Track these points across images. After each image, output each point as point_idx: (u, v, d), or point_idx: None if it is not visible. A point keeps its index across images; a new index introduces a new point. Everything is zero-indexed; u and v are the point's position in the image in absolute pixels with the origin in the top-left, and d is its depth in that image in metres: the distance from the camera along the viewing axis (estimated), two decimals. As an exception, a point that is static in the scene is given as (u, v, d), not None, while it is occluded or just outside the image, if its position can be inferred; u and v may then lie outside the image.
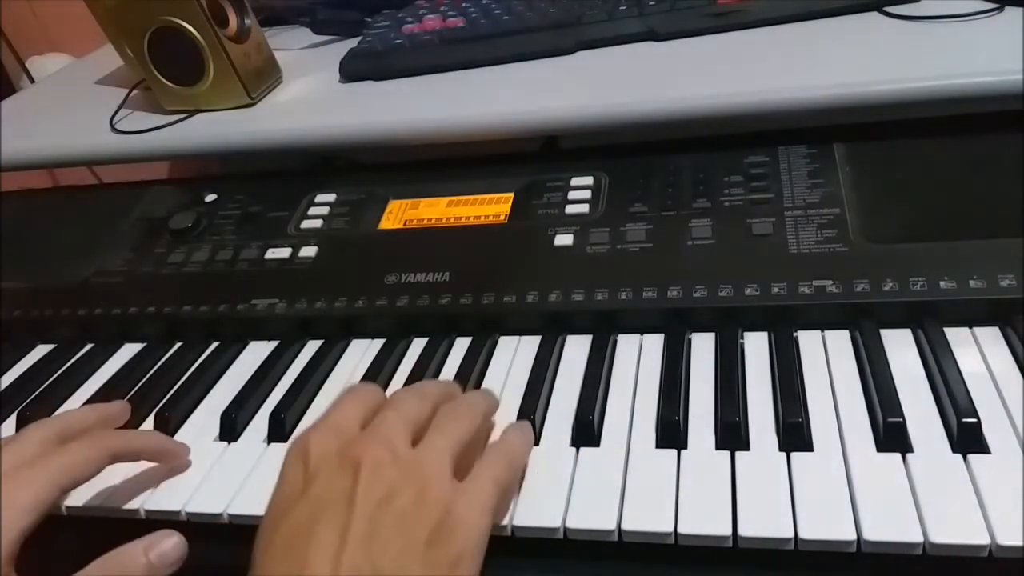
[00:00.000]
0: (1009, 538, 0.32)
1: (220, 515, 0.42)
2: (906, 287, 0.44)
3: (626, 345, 0.48)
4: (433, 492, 0.34)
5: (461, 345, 0.50)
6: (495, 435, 0.42)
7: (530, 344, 0.49)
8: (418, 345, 0.51)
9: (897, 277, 0.44)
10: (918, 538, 0.33)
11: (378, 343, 0.52)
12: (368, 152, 0.71)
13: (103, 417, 0.45)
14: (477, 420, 0.40)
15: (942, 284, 0.43)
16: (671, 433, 0.41)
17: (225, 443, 0.47)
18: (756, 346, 0.46)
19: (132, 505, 0.43)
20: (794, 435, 0.39)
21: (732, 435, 0.40)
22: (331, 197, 0.62)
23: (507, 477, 0.37)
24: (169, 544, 0.37)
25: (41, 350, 0.59)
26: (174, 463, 0.45)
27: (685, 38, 0.65)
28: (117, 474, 0.44)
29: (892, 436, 0.38)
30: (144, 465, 0.44)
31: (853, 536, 0.34)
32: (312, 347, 0.53)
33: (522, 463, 0.39)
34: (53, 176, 1.09)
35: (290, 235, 0.60)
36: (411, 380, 0.48)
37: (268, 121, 0.68)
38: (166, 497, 0.43)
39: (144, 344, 0.57)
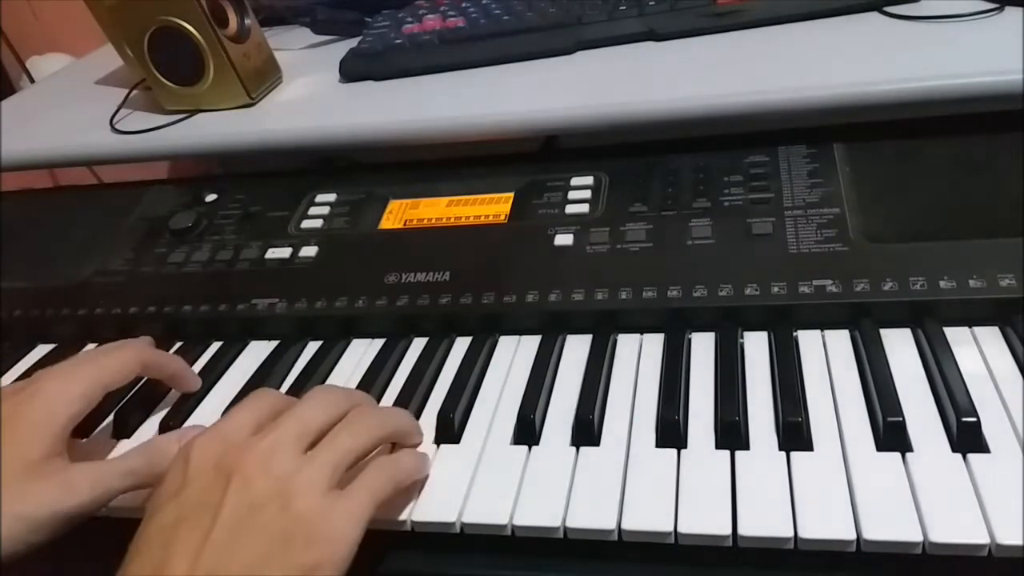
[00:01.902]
0: (1009, 537, 0.33)
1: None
2: (906, 287, 0.44)
3: (626, 345, 0.48)
4: (300, 506, 0.35)
5: (461, 345, 0.51)
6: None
7: (530, 344, 0.49)
8: (418, 345, 0.51)
9: (897, 277, 0.44)
10: (918, 537, 0.33)
11: (378, 343, 0.52)
12: (368, 152, 0.71)
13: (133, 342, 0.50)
14: (376, 435, 0.40)
15: (942, 284, 0.43)
16: (671, 433, 0.41)
17: (225, 443, 0.47)
18: (756, 346, 0.46)
19: (133, 504, 0.43)
20: (794, 435, 0.39)
21: (732, 434, 0.40)
22: (331, 197, 0.62)
23: (385, 492, 0.38)
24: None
25: (41, 350, 0.59)
26: (187, 389, 0.50)
27: (685, 38, 0.65)
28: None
29: (892, 435, 0.38)
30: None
31: (853, 535, 0.34)
32: (312, 347, 0.53)
33: (407, 481, 0.40)
34: (53, 176, 1.09)
35: (290, 235, 0.60)
36: (411, 380, 0.48)
37: (268, 121, 0.68)
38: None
39: (144, 344, 0.57)
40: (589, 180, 0.57)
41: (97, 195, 0.75)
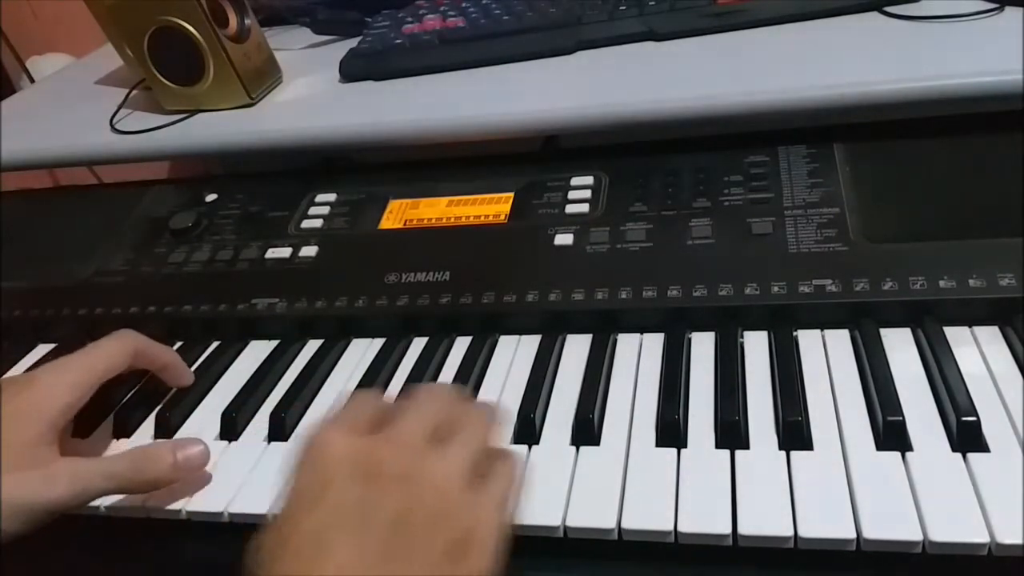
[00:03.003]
0: (1008, 536, 0.33)
1: (221, 514, 0.42)
2: (906, 287, 0.44)
3: (626, 344, 0.48)
4: (452, 507, 0.32)
5: (461, 345, 0.51)
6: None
7: (530, 344, 0.49)
8: (418, 345, 0.51)
9: (897, 277, 0.44)
10: (918, 536, 0.33)
11: (378, 343, 0.52)
12: (368, 152, 0.71)
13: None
14: (492, 429, 0.38)
15: (942, 284, 0.43)
16: (671, 432, 0.41)
17: (225, 442, 0.47)
18: (756, 345, 0.46)
19: (134, 504, 0.43)
20: (794, 434, 0.39)
21: (732, 434, 0.40)
22: (331, 197, 0.62)
23: (516, 494, 0.36)
24: (195, 450, 0.43)
25: (41, 350, 0.59)
26: (179, 383, 0.51)
27: (685, 38, 0.65)
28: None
29: (892, 435, 0.38)
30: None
31: (853, 535, 0.34)
32: (312, 347, 0.53)
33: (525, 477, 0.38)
34: (53, 176, 1.09)
35: (290, 235, 0.60)
36: (411, 380, 0.48)
37: (268, 121, 0.68)
38: (167, 497, 0.43)
39: (144, 344, 0.57)
40: (589, 180, 0.57)
41: (97, 195, 0.75)
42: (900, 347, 0.43)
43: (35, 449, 0.40)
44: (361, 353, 0.52)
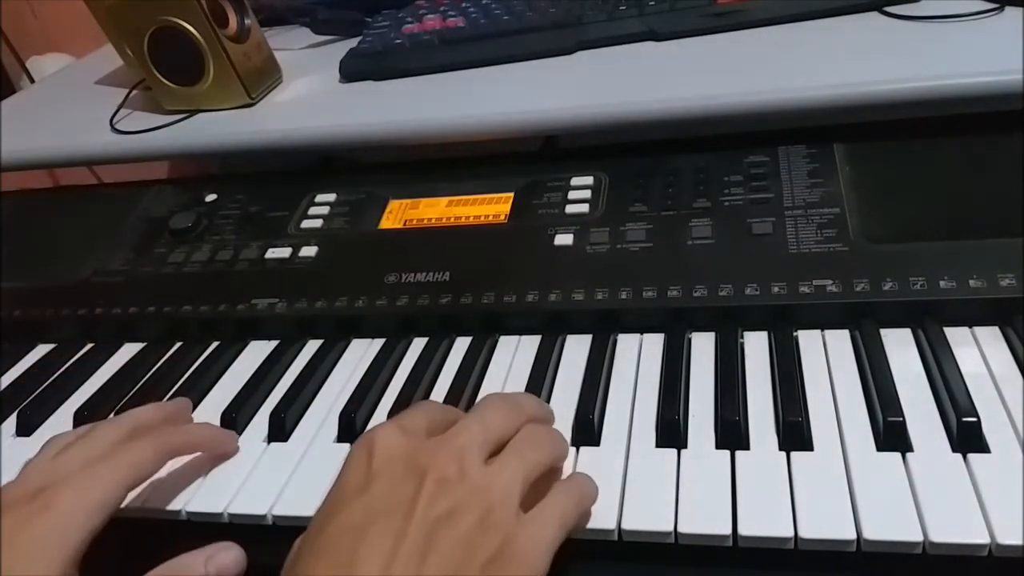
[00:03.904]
0: (1009, 537, 0.32)
1: (221, 515, 0.42)
2: (906, 287, 0.44)
3: (626, 345, 0.48)
4: (498, 518, 0.32)
5: (461, 345, 0.50)
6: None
7: (530, 344, 0.49)
8: (418, 345, 0.51)
9: (897, 277, 0.44)
10: (918, 537, 0.33)
11: (378, 343, 0.52)
12: (368, 152, 0.71)
13: (168, 414, 0.45)
14: (557, 451, 0.38)
15: (942, 284, 0.43)
16: (671, 432, 0.41)
17: (225, 443, 0.47)
18: (756, 346, 0.46)
19: (134, 504, 0.43)
20: (794, 434, 0.39)
21: (732, 434, 0.40)
22: (331, 197, 0.62)
23: (574, 518, 0.35)
24: (229, 557, 0.37)
25: (41, 350, 0.59)
26: (225, 451, 0.45)
27: (685, 38, 0.65)
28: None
29: (892, 435, 0.38)
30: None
31: (853, 535, 0.34)
32: (312, 347, 0.53)
33: (590, 506, 0.37)
34: (53, 176, 1.09)
35: (290, 235, 0.60)
36: (411, 380, 0.48)
37: (268, 121, 0.68)
38: (167, 498, 0.43)
39: (144, 344, 0.57)
40: (589, 180, 0.57)
41: (97, 195, 0.75)
42: (900, 347, 0.43)
43: None
44: (361, 353, 0.52)
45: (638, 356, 0.47)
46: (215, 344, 0.56)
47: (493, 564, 0.31)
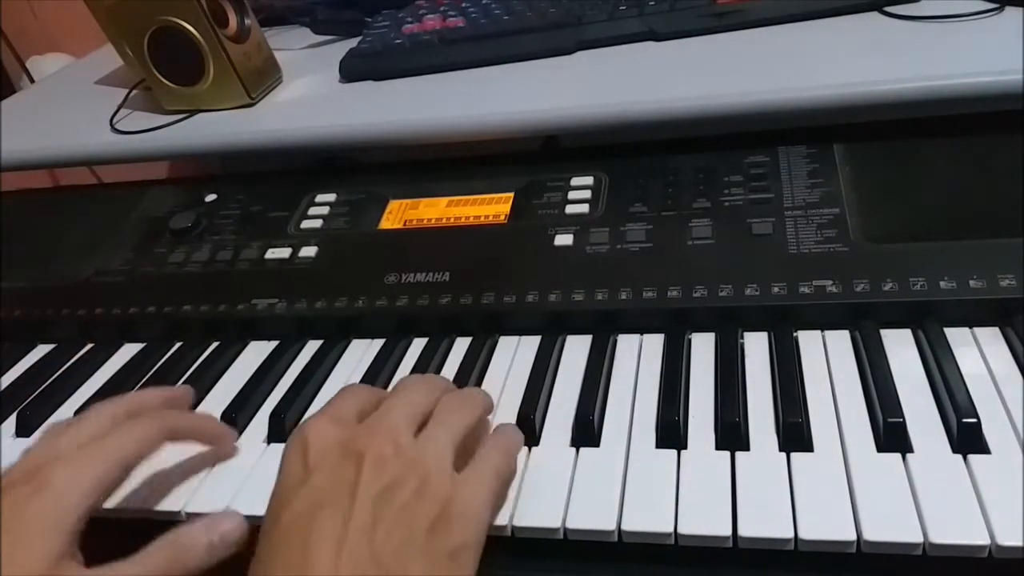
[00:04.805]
0: (1009, 538, 0.32)
1: (220, 515, 0.42)
2: (906, 287, 0.44)
3: (626, 345, 0.48)
4: (434, 484, 0.34)
5: (461, 345, 0.50)
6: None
7: (530, 344, 0.49)
8: (418, 345, 0.51)
9: (897, 277, 0.44)
10: (918, 538, 0.33)
11: (378, 343, 0.52)
12: (368, 152, 0.71)
13: (168, 399, 0.45)
14: (477, 412, 0.41)
15: (942, 284, 0.43)
16: (671, 433, 0.41)
17: (225, 443, 0.47)
18: (756, 346, 0.46)
19: (132, 505, 0.43)
20: (794, 435, 0.39)
21: (732, 435, 0.40)
22: (331, 197, 0.62)
23: (507, 468, 0.38)
24: (230, 524, 0.37)
25: (41, 350, 0.59)
26: (223, 447, 0.45)
27: (685, 38, 0.65)
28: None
29: (892, 436, 0.38)
30: (144, 464, 0.44)
31: (853, 536, 0.34)
32: (312, 347, 0.53)
33: (518, 452, 0.40)
34: (53, 176, 1.09)
35: (290, 235, 0.60)
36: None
37: (268, 121, 0.68)
38: (166, 497, 0.43)
39: (144, 344, 0.57)
40: (589, 180, 0.57)
41: (97, 195, 0.75)
42: (900, 348, 0.43)
43: (58, 567, 0.33)
44: (361, 353, 0.52)
45: (638, 356, 0.47)
46: (215, 344, 0.56)
47: (438, 526, 0.33)
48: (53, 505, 0.35)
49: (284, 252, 0.58)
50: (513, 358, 0.49)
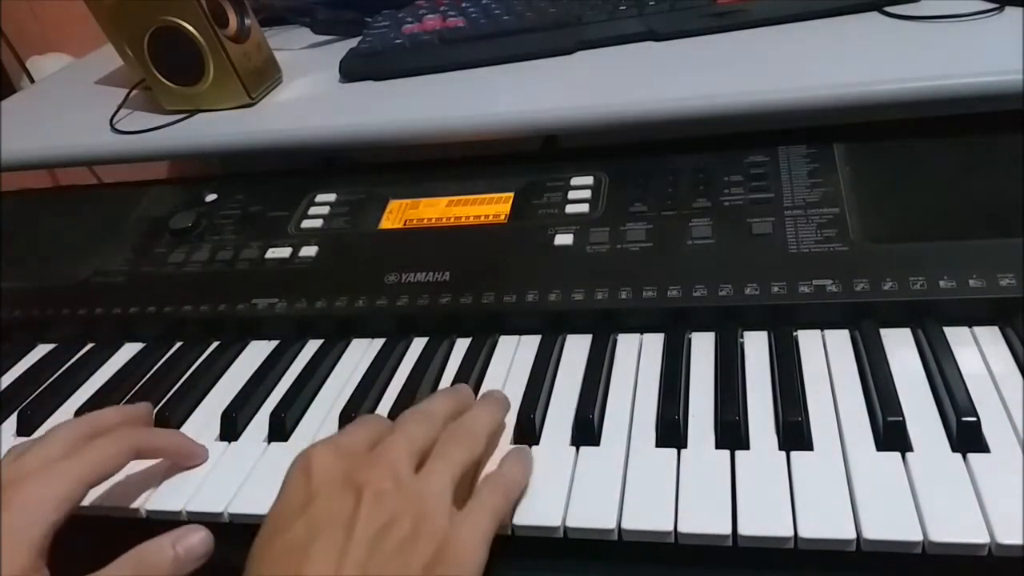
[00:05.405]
0: (1009, 537, 0.33)
1: (221, 514, 0.42)
2: (906, 287, 0.44)
3: (626, 345, 0.48)
4: (431, 524, 0.34)
5: (461, 345, 0.51)
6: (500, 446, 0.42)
7: (530, 344, 0.49)
8: (418, 345, 0.51)
9: (897, 277, 0.44)
10: (918, 537, 0.33)
11: (378, 343, 0.52)
12: (368, 152, 0.71)
13: (128, 417, 0.45)
14: (481, 443, 0.40)
15: (942, 284, 0.43)
16: (671, 432, 0.41)
17: (226, 442, 0.47)
18: (756, 346, 0.46)
19: (133, 505, 0.43)
20: (794, 434, 0.39)
21: (732, 434, 0.40)
22: (331, 197, 0.62)
23: (504, 509, 0.37)
24: (196, 538, 0.38)
25: (41, 350, 0.59)
26: (192, 463, 0.45)
27: (685, 38, 0.65)
28: (119, 473, 0.44)
29: (892, 435, 0.38)
30: (144, 464, 0.44)
31: (853, 535, 0.34)
32: (312, 347, 0.53)
33: (519, 493, 0.39)
34: (53, 176, 1.09)
35: (290, 235, 0.60)
36: (411, 380, 0.48)
37: (268, 121, 0.68)
38: (167, 497, 0.43)
39: (144, 344, 0.57)
40: (589, 180, 0.57)
41: (97, 195, 0.75)
42: (900, 347, 0.43)
43: None
44: (361, 353, 0.52)
45: (638, 356, 0.47)
46: (215, 344, 0.56)
47: (432, 566, 0.33)
48: (21, 522, 0.35)
49: (284, 252, 0.58)
50: (513, 358, 0.49)
